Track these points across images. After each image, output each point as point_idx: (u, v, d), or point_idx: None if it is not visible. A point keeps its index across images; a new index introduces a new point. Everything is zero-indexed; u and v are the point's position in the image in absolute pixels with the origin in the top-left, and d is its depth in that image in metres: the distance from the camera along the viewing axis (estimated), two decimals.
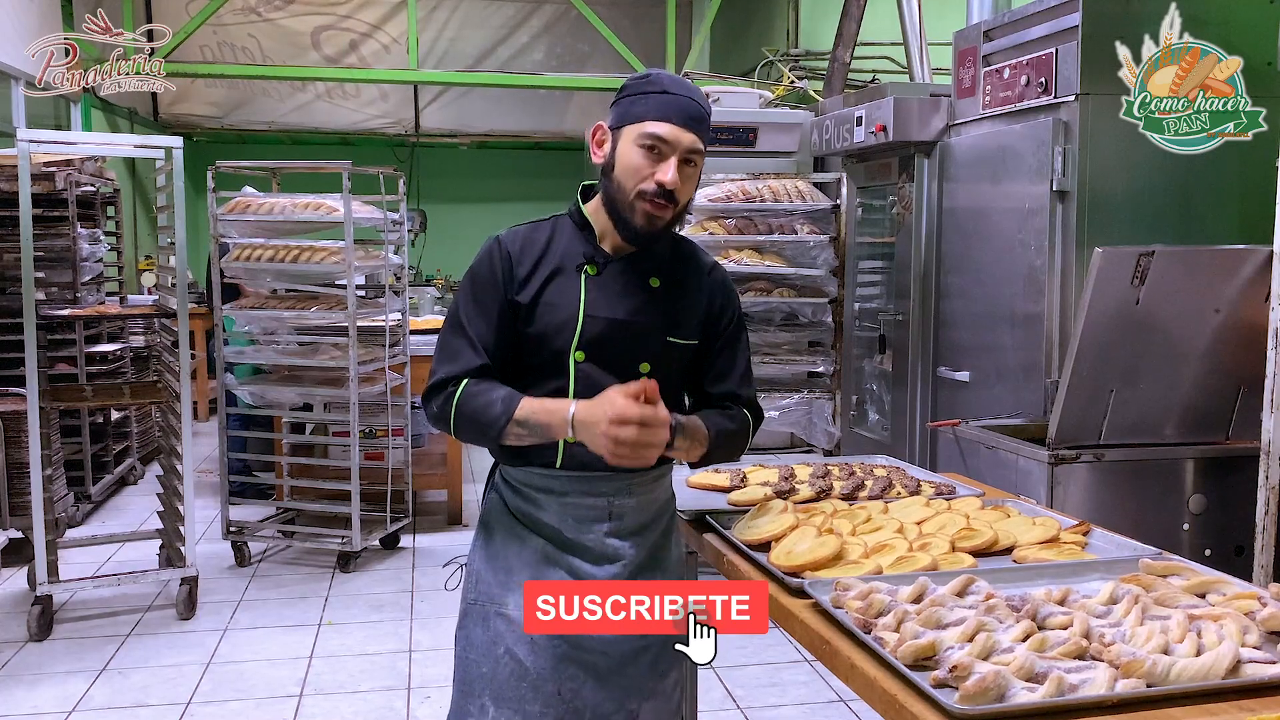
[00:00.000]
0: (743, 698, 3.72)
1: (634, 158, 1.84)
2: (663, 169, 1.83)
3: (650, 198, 1.84)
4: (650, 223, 1.86)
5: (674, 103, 1.85)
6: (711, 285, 2.02)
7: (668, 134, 1.83)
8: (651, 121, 1.84)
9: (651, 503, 2.01)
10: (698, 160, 1.88)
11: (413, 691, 3.79)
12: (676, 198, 1.86)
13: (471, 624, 1.98)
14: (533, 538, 1.96)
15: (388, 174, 5.24)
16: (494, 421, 1.84)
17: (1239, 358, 3.16)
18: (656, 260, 1.97)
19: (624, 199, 1.86)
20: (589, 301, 1.90)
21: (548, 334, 1.90)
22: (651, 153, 1.84)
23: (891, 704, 1.43)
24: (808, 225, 4.75)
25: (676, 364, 1.99)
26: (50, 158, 5.53)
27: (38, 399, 4.12)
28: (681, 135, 1.84)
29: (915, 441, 4.62)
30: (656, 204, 1.84)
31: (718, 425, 1.97)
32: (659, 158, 1.84)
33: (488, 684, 1.93)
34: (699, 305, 1.99)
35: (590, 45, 9.75)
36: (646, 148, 1.84)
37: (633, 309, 1.91)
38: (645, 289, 1.94)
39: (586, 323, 1.88)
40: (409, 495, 5.53)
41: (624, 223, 1.88)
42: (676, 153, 1.84)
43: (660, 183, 1.83)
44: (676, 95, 1.86)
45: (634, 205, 1.85)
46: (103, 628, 4.37)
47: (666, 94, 1.86)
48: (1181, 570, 1.82)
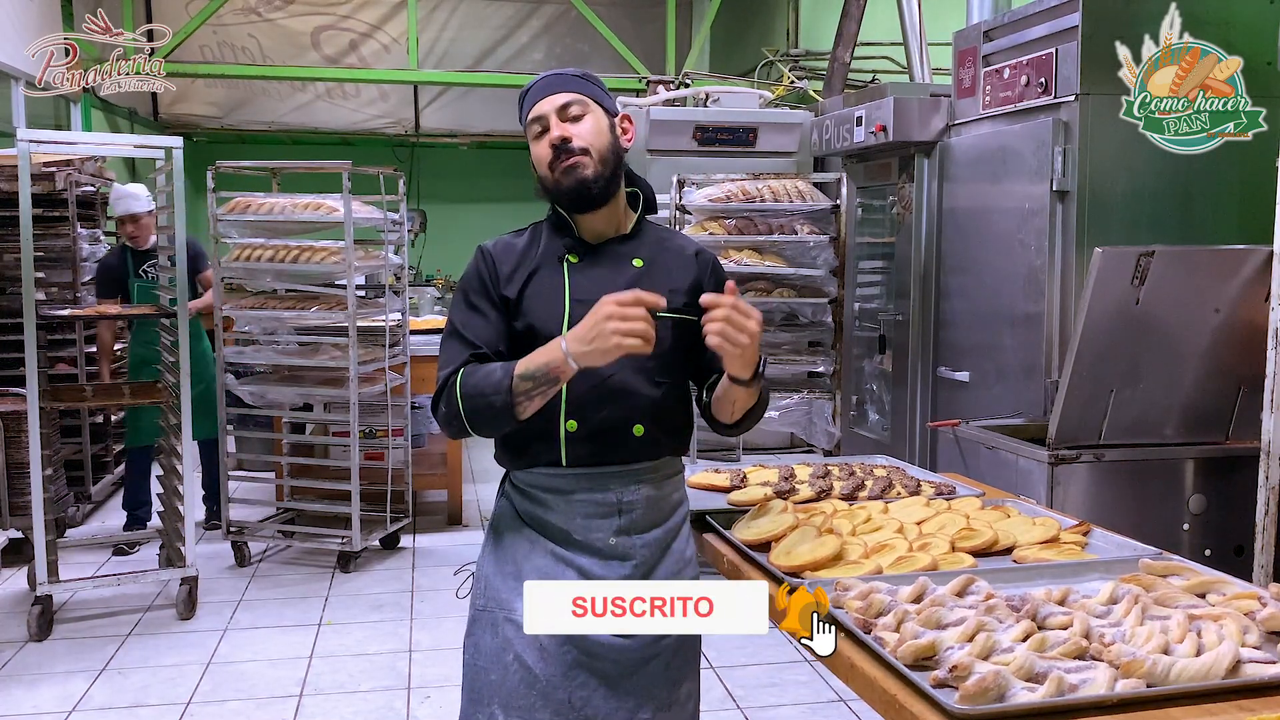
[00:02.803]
0: (743, 698, 3.72)
1: (536, 149, 1.93)
2: (548, 136, 1.91)
3: (552, 162, 1.90)
4: (571, 175, 1.89)
5: (536, 87, 1.95)
6: (700, 264, 2.02)
7: (539, 110, 1.92)
8: (527, 113, 1.94)
9: (662, 501, 1.98)
10: (580, 109, 1.92)
11: (413, 691, 3.79)
12: (574, 146, 1.89)
13: (480, 630, 1.97)
14: (541, 540, 1.94)
15: (388, 174, 5.24)
16: (498, 386, 1.81)
17: (1239, 358, 3.16)
18: (638, 244, 1.98)
19: (547, 180, 1.92)
20: (574, 286, 1.91)
21: (536, 326, 1.90)
22: (541, 135, 1.92)
23: (891, 704, 1.43)
24: (808, 225, 4.75)
25: (670, 340, 1.94)
26: (50, 158, 5.53)
27: (38, 399, 4.12)
28: (548, 101, 1.92)
29: (915, 441, 4.62)
30: (562, 160, 1.89)
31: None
32: (546, 132, 1.92)
33: (496, 692, 1.91)
34: (686, 279, 1.98)
35: (590, 45, 9.74)
36: (536, 135, 1.93)
37: (619, 288, 1.88)
38: (629, 269, 1.95)
39: (575, 307, 1.87)
40: (409, 495, 5.53)
41: (558, 195, 1.92)
42: (552, 115, 1.91)
43: (552, 144, 1.89)
44: (537, 82, 1.96)
45: (553, 178, 1.91)
46: (103, 628, 4.37)
47: (530, 88, 1.97)
48: (1181, 570, 1.82)
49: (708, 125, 5.21)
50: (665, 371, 1.93)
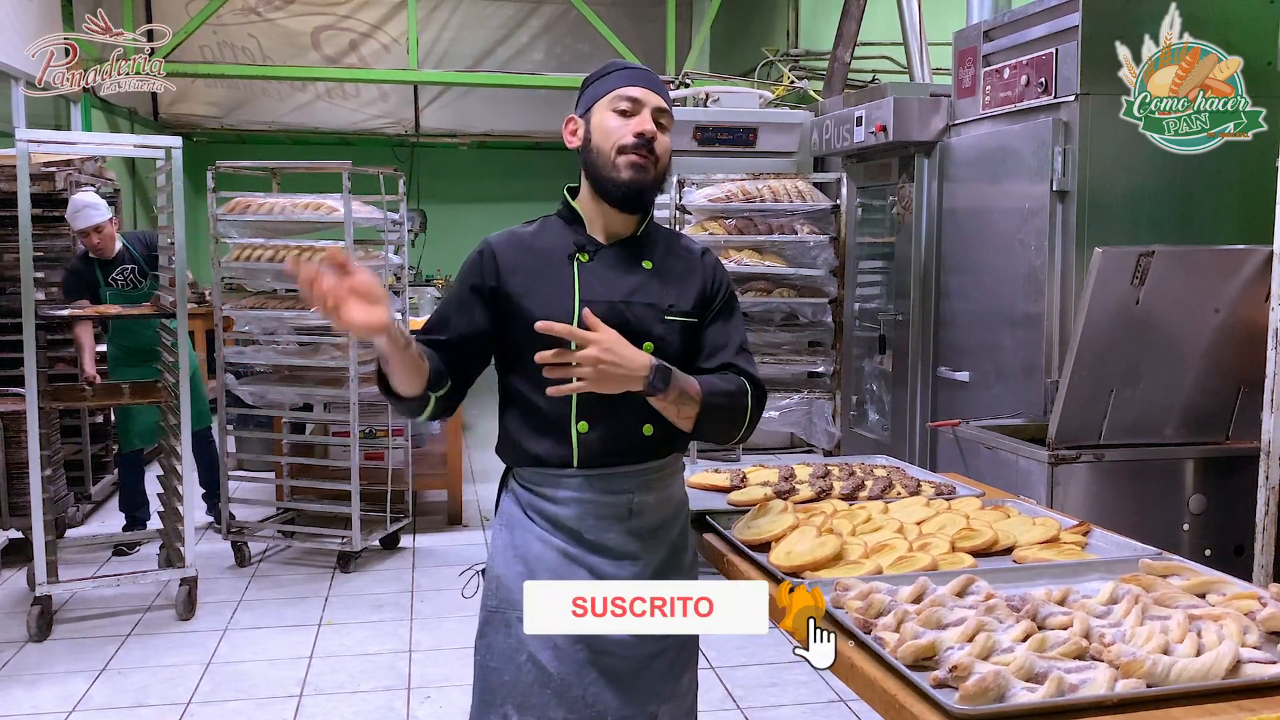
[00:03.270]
0: (743, 698, 3.72)
1: (609, 121, 1.91)
2: (638, 121, 1.90)
3: (631, 149, 1.88)
4: (636, 173, 1.89)
5: (638, 73, 1.96)
6: (704, 266, 2.03)
7: (638, 94, 1.91)
8: (621, 86, 1.92)
9: (668, 500, 2.01)
10: (667, 123, 1.95)
11: (413, 691, 3.78)
12: (656, 150, 1.90)
13: (493, 631, 1.96)
14: (553, 538, 1.94)
15: (388, 174, 5.24)
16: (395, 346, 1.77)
17: (1239, 358, 3.16)
18: (647, 246, 1.99)
19: (606, 160, 1.90)
20: (584, 286, 1.90)
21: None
22: (624, 115, 1.91)
23: (891, 704, 1.43)
24: (808, 225, 4.75)
25: (679, 343, 1.96)
26: (50, 158, 5.53)
27: (37, 399, 4.12)
28: (650, 95, 1.92)
29: (915, 441, 4.62)
30: (639, 154, 1.88)
31: (710, 384, 1.90)
32: (633, 115, 1.90)
33: (510, 692, 1.92)
34: (694, 283, 1.99)
35: (590, 45, 9.74)
36: (619, 111, 1.91)
37: (629, 290, 1.92)
38: (639, 270, 1.95)
39: (584, 307, 1.87)
40: (409, 495, 5.53)
41: (610, 183, 1.90)
42: (648, 108, 1.91)
43: (639, 133, 1.88)
44: (635, 69, 1.98)
45: (616, 162, 1.89)
46: (103, 628, 4.37)
47: (628, 69, 1.97)
48: (1181, 570, 1.82)
49: (708, 125, 5.21)
50: None
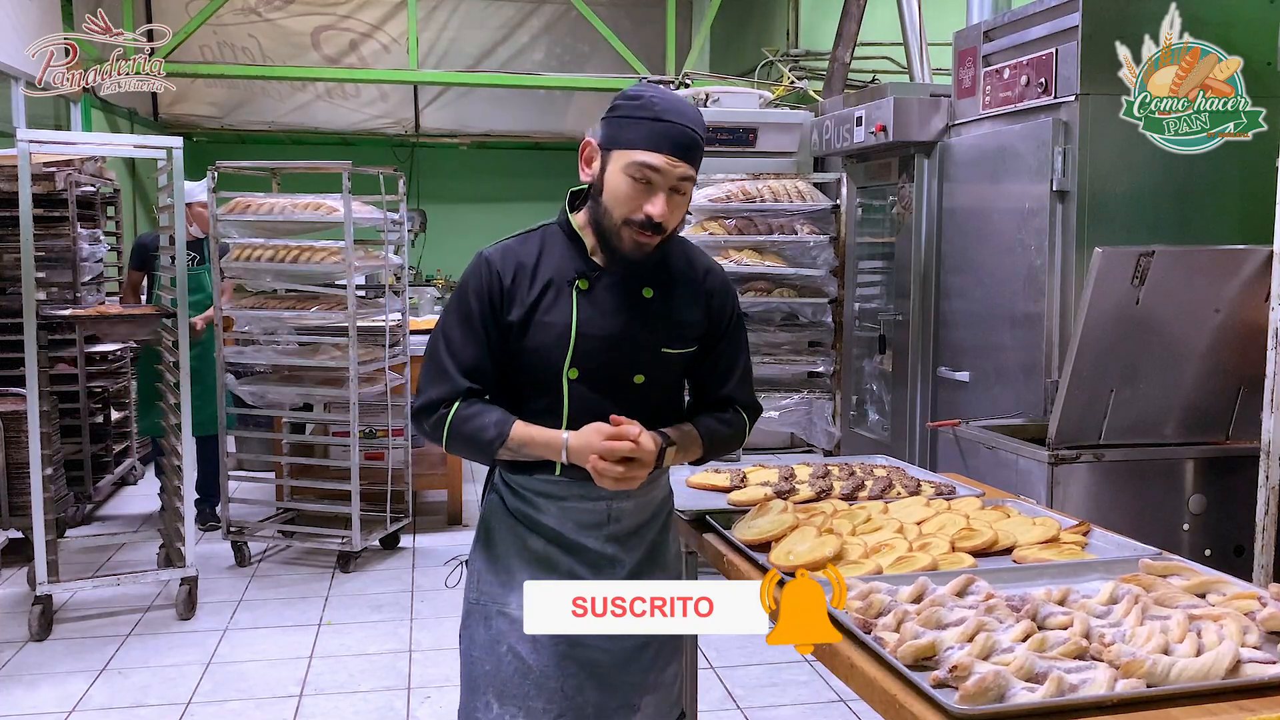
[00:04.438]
0: (743, 698, 3.72)
1: (623, 186, 1.81)
2: (653, 202, 1.80)
3: (638, 228, 1.82)
4: (637, 249, 1.86)
5: (666, 131, 1.80)
6: (709, 289, 2.00)
7: (659, 164, 1.79)
8: (642, 151, 1.79)
9: (649, 503, 2.03)
10: (687, 188, 1.86)
11: (413, 691, 3.79)
12: (665, 228, 1.85)
13: (474, 623, 2.01)
14: (533, 538, 1.98)
15: (388, 174, 5.24)
16: (487, 446, 1.88)
17: (1239, 358, 3.16)
18: (650, 269, 1.94)
19: (612, 225, 1.84)
20: (581, 319, 1.88)
21: (541, 352, 1.89)
22: (641, 183, 1.80)
23: (891, 704, 1.43)
24: (808, 225, 4.75)
25: (673, 372, 1.99)
26: (50, 158, 5.52)
27: (38, 399, 4.12)
28: (673, 166, 1.80)
29: (915, 441, 4.61)
30: (644, 234, 1.83)
31: (711, 431, 2.00)
32: (649, 188, 1.80)
33: (491, 682, 1.96)
34: (696, 311, 1.97)
35: (590, 45, 9.74)
36: (636, 179, 1.80)
37: (625, 323, 1.90)
38: (639, 301, 1.92)
39: (579, 340, 1.87)
40: (409, 495, 5.53)
41: (610, 248, 1.87)
42: (667, 184, 1.81)
43: (649, 215, 1.81)
44: (670, 123, 1.80)
45: (621, 233, 1.84)
46: (103, 628, 4.37)
47: (659, 121, 1.80)
48: (1181, 570, 1.82)
49: (708, 125, 5.19)
50: (659, 396, 1.98)
